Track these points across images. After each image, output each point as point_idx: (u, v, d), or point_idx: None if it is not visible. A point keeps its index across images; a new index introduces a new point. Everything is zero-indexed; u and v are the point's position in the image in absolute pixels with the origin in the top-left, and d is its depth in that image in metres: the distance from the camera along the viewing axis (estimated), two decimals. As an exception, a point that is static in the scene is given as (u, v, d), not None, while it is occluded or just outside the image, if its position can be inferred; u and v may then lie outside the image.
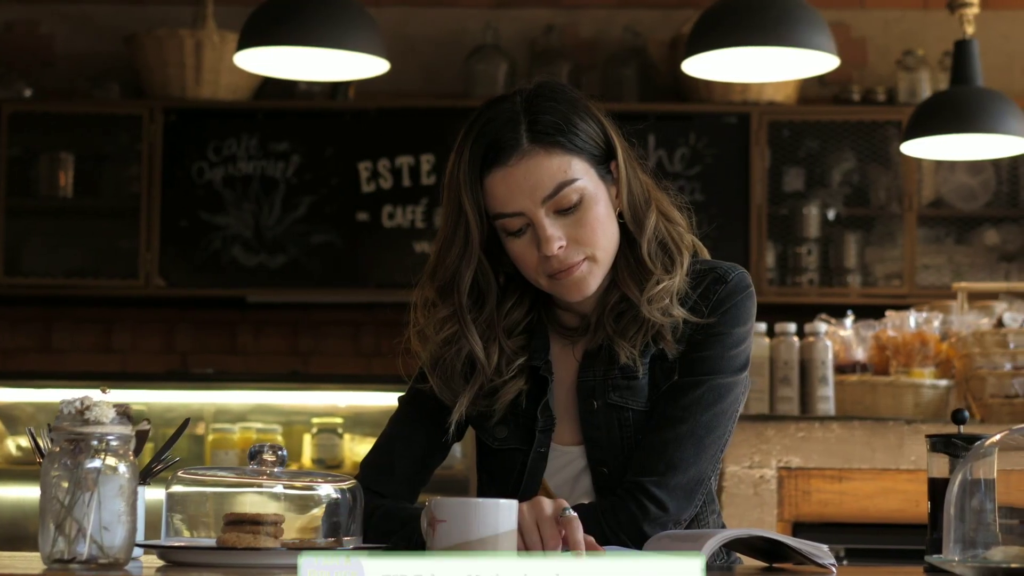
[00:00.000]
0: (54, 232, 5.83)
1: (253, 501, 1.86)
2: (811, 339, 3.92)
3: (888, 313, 3.97)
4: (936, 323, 3.88)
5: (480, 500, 1.80)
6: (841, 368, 3.90)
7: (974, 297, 4.29)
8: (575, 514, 1.84)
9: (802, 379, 3.86)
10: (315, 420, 5.16)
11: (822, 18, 3.83)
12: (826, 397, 3.81)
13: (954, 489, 1.74)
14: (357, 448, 5.03)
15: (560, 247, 2.02)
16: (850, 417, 3.62)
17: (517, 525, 1.82)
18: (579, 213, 2.04)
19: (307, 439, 5.13)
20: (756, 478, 3.52)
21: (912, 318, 3.87)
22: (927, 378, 3.81)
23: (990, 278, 5.61)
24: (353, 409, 5.26)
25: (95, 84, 5.92)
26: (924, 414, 3.74)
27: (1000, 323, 3.87)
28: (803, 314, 4.54)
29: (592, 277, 2.06)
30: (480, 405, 2.11)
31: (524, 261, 2.06)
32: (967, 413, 1.94)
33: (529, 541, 1.84)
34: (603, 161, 2.08)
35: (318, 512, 1.89)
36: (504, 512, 1.79)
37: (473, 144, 2.04)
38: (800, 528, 3.53)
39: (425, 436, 2.17)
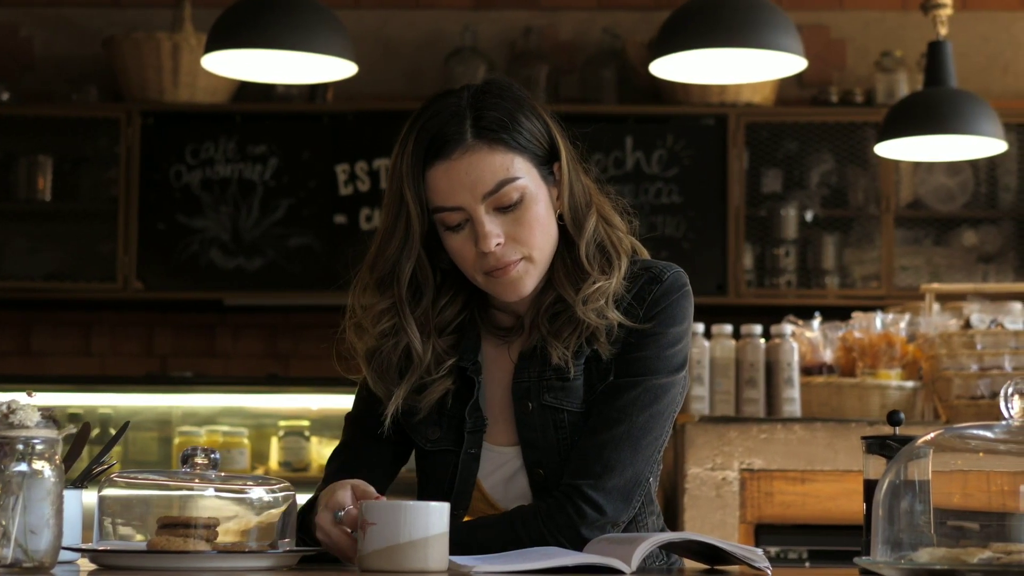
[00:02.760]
0: (33, 235, 5.84)
1: (185, 504, 1.86)
2: (777, 341, 3.91)
3: (855, 314, 3.97)
4: (903, 324, 3.88)
5: (410, 503, 1.80)
6: (808, 370, 3.89)
7: (947, 298, 4.28)
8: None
9: (768, 381, 3.86)
10: (281, 423, 5.16)
11: (789, 20, 3.83)
12: (792, 399, 3.81)
13: (883, 490, 1.73)
14: (324, 451, 5.03)
15: (498, 244, 2.02)
16: (812, 419, 3.61)
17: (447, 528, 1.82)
18: (518, 212, 2.04)
19: (274, 442, 5.12)
20: (718, 480, 3.51)
21: (878, 319, 3.87)
22: (893, 379, 3.80)
23: (968, 279, 5.61)
24: (324, 412, 5.26)
25: (74, 87, 5.92)
26: (891, 416, 3.72)
27: (968, 324, 3.87)
28: (781, 316, 4.54)
29: (528, 277, 2.06)
30: (410, 399, 2.11)
31: (462, 257, 2.05)
32: (902, 415, 1.94)
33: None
34: (546, 162, 2.08)
35: (251, 515, 1.88)
36: (434, 515, 1.79)
37: (417, 136, 2.03)
38: (762, 530, 3.52)
39: (369, 458, 2.16)
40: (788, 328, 3.93)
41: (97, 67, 5.98)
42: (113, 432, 5.10)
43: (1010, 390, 1.70)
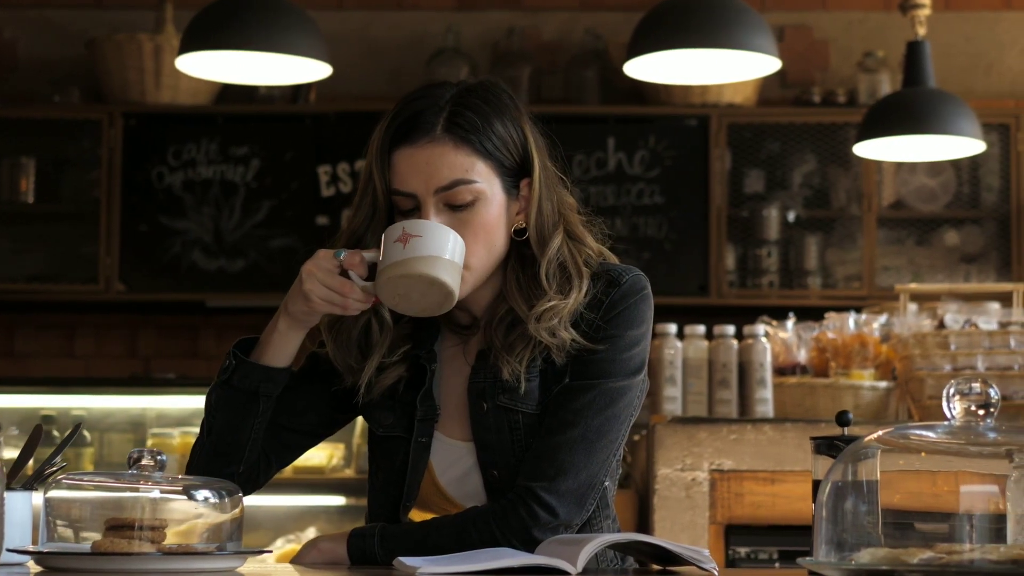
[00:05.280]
0: (15, 237, 5.84)
1: (131, 506, 1.85)
2: (750, 341, 3.91)
3: (828, 315, 3.97)
4: (876, 325, 3.88)
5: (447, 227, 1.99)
6: (781, 370, 3.89)
7: (926, 299, 4.28)
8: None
9: (741, 381, 3.85)
10: (256, 424, 5.13)
11: (763, 20, 3.83)
12: (764, 399, 3.80)
13: (825, 490, 1.73)
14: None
15: None
16: (782, 419, 3.61)
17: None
18: (467, 214, 2.03)
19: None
20: (688, 480, 3.51)
21: (851, 320, 3.86)
22: (867, 380, 3.80)
23: (950, 279, 5.61)
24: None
25: (56, 89, 5.92)
26: (864, 416, 3.73)
27: (942, 324, 3.86)
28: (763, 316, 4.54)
29: (463, 283, 2.05)
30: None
31: None
32: (851, 415, 1.94)
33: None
34: (513, 175, 2.08)
35: (198, 516, 1.88)
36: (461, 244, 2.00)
37: (394, 117, 2.05)
38: (732, 531, 3.52)
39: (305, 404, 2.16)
40: (761, 329, 3.92)
41: (79, 69, 5.98)
42: (87, 434, 5.11)
43: (951, 391, 1.70)
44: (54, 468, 2.06)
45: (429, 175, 2.02)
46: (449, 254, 1.96)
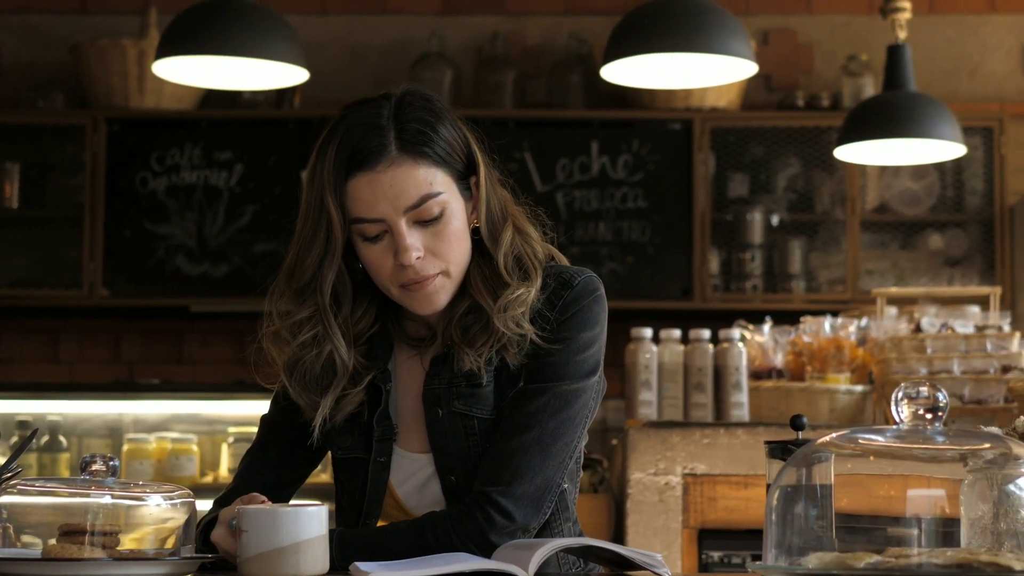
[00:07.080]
0: (0, 242, 5.83)
1: (83, 512, 1.85)
2: (725, 345, 3.90)
3: (804, 319, 3.97)
4: (852, 328, 3.87)
5: (282, 508, 1.81)
6: (758, 374, 3.89)
7: (905, 303, 4.28)
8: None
9: (716, 386, 3.85)
10: (231, 429, 5.14)
11: (739, 24, 3.83)
12: (740, 403, 3.80)
13: (774, 494, 1.72)
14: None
15: (418, 257, 2.01)
16: (755, 423, 3.60)
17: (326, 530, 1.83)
18: (439, 226, 2.03)
19: (224, 448, 5.11)
20: (661, 485, 3.50)
21: (827, 323, 3.86)
22: (843, 384, 3.80)
23: (934, 283, 5.61)
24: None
25: (40, 94, 5.92)
26: (840, 420, 3.72)
27: (918, 328, 3.86)
28: (748, 320, 4.53)
29: (444, 292, 2.06)
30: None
31: (378, 268, 2.04)
32: (805, 419, 1.94)
33: None
34: (463, 176, 2.07)
35: (150, 522, 1.88)
36: (308, 519, 1.80)
37: (340, 145, 2.01)
38: (706, 535, 3.52)
39: (279, 461, 2.17)
40: (736, 333, 3.92)
41: (63, 74, 5.98)
42: (63, 439, 5.10)
43: (899, 395, 1.70)
44: (10, 474, 2.06)
45: (395, 196, 2.00)
46: (281, 541, 1.80)
